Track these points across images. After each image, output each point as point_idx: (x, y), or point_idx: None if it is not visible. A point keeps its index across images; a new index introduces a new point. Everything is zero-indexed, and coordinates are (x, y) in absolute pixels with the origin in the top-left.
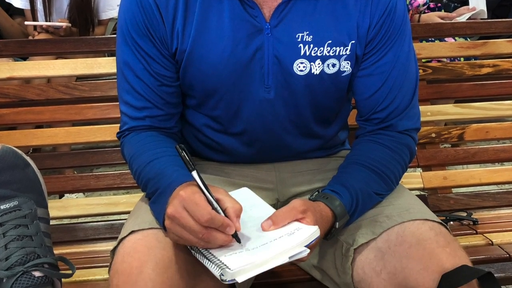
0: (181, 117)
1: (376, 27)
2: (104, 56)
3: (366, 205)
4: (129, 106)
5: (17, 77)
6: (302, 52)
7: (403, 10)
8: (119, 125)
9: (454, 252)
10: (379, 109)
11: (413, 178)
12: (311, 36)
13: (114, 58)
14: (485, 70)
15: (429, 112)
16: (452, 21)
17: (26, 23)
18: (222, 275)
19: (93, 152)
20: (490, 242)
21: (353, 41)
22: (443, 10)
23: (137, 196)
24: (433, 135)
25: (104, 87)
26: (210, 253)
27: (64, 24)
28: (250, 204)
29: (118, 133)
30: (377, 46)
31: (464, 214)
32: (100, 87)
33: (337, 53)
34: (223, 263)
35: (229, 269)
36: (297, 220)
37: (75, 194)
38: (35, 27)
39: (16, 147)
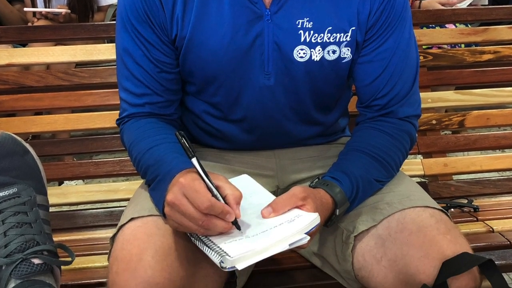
0: (181, 104)
1: (376, 14)
2: (104, 43)
3: (367, 192)
4: (128, 93)
5: (16, 64)
6: (302, 39)
7: None
8: (118, 111)
9: (454, 239)
10: (379, 96)
11: (414, 165)
12: (311, 23)
13: (114, 44)
14: (486, 57)
15: (430, 98)
16: (453, 8)
17: (25, 9)
18: (222, 262)
19: (92, 139)
20: (491, 229)
21: (353, 28)
22: None
23: (136, 183)
24: (434, 121)
25: (104, 74)
26: (210, 240)
27: (64, 10)
28: (250, 191)
29: (117, 119)
30: (378, 33)
31: (465, 201)
32: (99, 73)
33: (337, 40)
34: (223, 250)
35: (229, 256)
36: (297, 207)
37: (75, 181)
38: (34, 13)
39: (15, 134)
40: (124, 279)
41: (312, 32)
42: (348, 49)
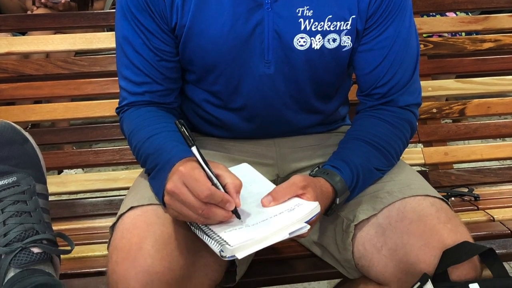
0: (180, 93)
1: (377, 2)
2: (103, 31)
3: (367, 180)
4: (128, 81)
5: (16, 52)
6: (303, 27)
7: None
8: (118, 100)
9: (455, 228)
10: (380, 84)
11: (414, 154)
12: (312, 11)
13: (113, 33)
14: (487, 45)
15: (430, 87)
16: None
17: None
18: (222, 251)
19: (92, 127)
20: (491, 218)
21: (353, 16)
22: None
23: (136, 172)
24: (434, 110)
25: (103, 62)
26: (210, 229)
27: None
28: (250, 179)
29: (117, 108)
30: (378, 21)
31: (466, 190)
32: (99, 62)
33: (337, 28)
34: (223, 239)
35: (229, 245)
36: (297, 196)
37: (74, 169)
38: (33, 1)
39: (15, 122)
40: (123, 268)
41: (312, 20)
42: (349, 38)
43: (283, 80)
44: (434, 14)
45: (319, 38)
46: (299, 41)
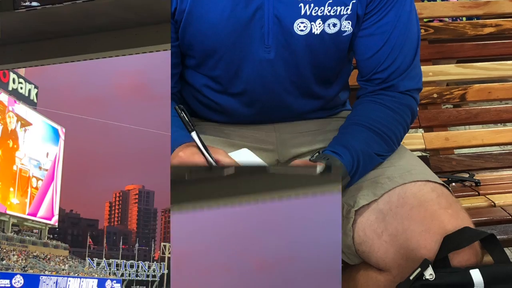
0: (180, 78)
1: None
2: None
3: (367, 166)
4: None
5: None
6: (303, 12)
7: None
8: None
9: (456, 214)
10: (380, 69)
11: (415, 139)
12: None
13: None
14: (488, 30)
15: (431, 72)
16: None
17: None
18: None
19: None
20: (492, 203)
21: (354, 1)
22: None
23: None
24: (435, 95)
25: None
26: None
27: None
28: None
29: None
30: (378, 6)
31: (466, 175)
32: None
33: (338, 13)
34: None
35: None
36: None
37: None
38: None
39: None
40: None
41: (312, 5)
42: (349, 22)
43: (283, 65)
44: None
45: (319, 23)
46: (299, 26)
